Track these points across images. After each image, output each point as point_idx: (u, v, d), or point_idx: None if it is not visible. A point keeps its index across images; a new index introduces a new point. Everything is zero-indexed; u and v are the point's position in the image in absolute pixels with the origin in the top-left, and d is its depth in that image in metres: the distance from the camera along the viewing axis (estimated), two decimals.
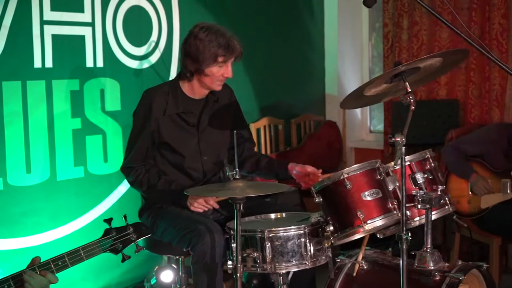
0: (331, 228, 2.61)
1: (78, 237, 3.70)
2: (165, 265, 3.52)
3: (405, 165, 2.46)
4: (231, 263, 2.56)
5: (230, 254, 2.68)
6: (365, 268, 2.85)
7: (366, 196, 2.59)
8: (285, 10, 5.16)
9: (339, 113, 5.41)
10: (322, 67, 5.55)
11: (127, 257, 2.32)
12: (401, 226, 2.44)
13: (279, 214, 2.96)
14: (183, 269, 3.17)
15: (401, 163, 2.45)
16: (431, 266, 2.69)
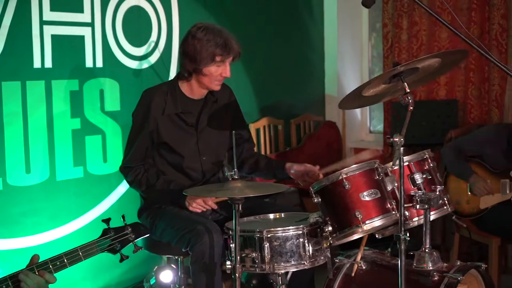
0: (330, 228, 2.61)
1: (77, 237, 3.70)
2: (164, 265, 3.52)
3: (403, 166, 2.46)
4: (229, 263, 2.56)
5: (229, 254, 2.68)
6: (364, 268, 2.85)
7: (364, 197, 2.59)
8: (284, 11, 5.15)
9: (338, 114, 5.41)
10: (322, 67, 5.55)
11: (125, 257, 2.32)
12: (399, 226, 2.44)
13: (277, 214, 2.95)
14: (182, 269, 3.17)
15: (399, 163, 2.45)
16: (429, 267, 2.69)
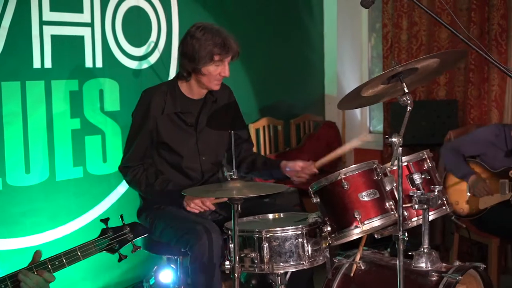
0: (329, 228, 2.61)
1: (77, 237, 3.70)
2: (164, 265, 3.53)
3: (402, 166, 2.47)
4: (228, 263, 2.57)
5: (228, 254, 2.68)
6: (363, 268, 2.85)
7: (363, 197, 2.59)
8: (284, 11, 5.16)
9: (338, 114, 5.42)
10: (322, 67, 5.55)
11: (124, 257, 2.33)
12: (397, 226, 2.45)
13: (277, 214, 2.95)
14: (181, 269, 3.17)
15: (397, 163, 2.46)
16: (428, 267, 2.69)
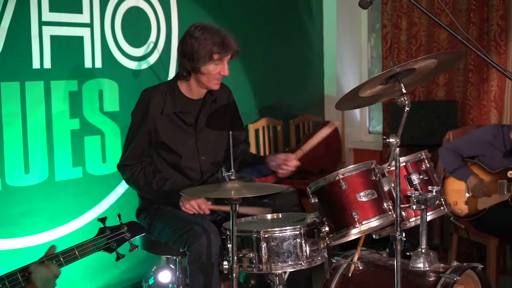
0: (327, 228, 2.61)
1: (76, 237, 3.69)
2: (163, 265, 3.53)
3: (399, 166, 2.47)
4: (226, 264, 2.57)
5: (226, 254, 2.69)
6: (361, 268, 2.85)
7: (361, 197, 2.60)
8: (284, 11, 5.16)
9: (338, 114, 5.41)
10: (321, 68, 5.56)
11: (121, 256, 2.33)
12: (395, 226, 2.45)
13: (275, 214, 2.96)
14: (180, 269, 3.18)
15: (395, 164, 2.46)
16: (426, 267, 2.70)
